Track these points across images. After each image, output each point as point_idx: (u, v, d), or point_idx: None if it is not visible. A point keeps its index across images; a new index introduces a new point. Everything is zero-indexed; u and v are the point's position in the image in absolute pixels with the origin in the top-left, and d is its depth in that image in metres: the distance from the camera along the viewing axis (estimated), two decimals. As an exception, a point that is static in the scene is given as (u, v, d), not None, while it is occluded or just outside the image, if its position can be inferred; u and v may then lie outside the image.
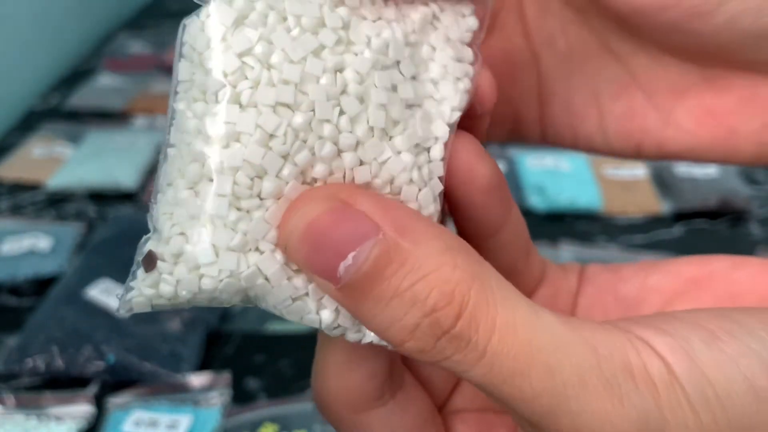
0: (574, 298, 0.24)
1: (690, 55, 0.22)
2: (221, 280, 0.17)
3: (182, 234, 0.17)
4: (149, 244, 0.18)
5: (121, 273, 0.60)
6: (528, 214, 0.73)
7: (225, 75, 0.17)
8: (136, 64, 1.06)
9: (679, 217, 0.72)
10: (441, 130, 0.19)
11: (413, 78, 0.19)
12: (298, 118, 0.17)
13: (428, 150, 0.19)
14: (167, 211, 0.17)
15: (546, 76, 0.24)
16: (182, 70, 0.18)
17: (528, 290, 0.24)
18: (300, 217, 0.17)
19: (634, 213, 0.73)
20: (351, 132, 0.17)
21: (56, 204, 0.74)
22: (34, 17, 0.99)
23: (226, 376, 0.53)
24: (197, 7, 0.18)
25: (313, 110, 0.17)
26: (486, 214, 0.21)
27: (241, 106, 0.17)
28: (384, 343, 0.18)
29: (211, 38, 0.17)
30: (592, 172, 0.78)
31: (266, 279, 0.17)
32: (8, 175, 0.78)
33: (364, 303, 0.16)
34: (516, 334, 0.16)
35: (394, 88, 0.18)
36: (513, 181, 0.76)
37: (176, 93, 0.18)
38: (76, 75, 1.03)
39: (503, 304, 0.16)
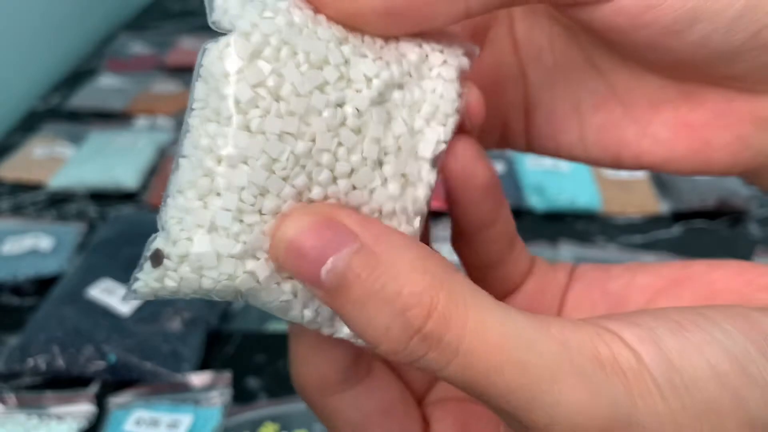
0: (562, 293, 0.25)
1: (667, 70, 0.23)
2: (219, 282, 0.19)
3: (189, 239, 0.19)
4: (157, 242, 0.19)
5: (122, 273, 0.60)
6: (527, 214, 0.73)
7: (238, 103, 0.19)
8: (137, 64, 1.06)
9: (678, 217, 0.72)
10: (427, 162, 0.21)
11: (406, 115, 0.21)
12: (300, 147, 0.19)
13: (414, 180, 0.21)
14: (176, 216, 0.19)
15: (532, 88, 0.26)
16: (199, 90, 0.19)
17: (514, 282, 0.25)
18: (287, 228, 0.18)
19: (633, 213, 0.73)
20: (347, 161, 0.20)
21: (57, 204, 0.75)
22: (36, 18, 0.99)
23: (226, 376, 0.53)
24: (197, 7, 0.19)
25: (314, 140, 0.19)
26: (481, 211, 0.23)
27: (250, 132, 0.19)
28: (360, 341, 0.20)
29: (227, 68, 0.19)
30: (592, 172, 0.78)
31: (258, 282, 0.19)
32: (9, 175, 0.78)
33: (345, 305, 0.18)
34: (487, 332, 0.17)
35: (388, 124, 0.20)
36: (512, 181, 0.76)
37: (192, 109, 0.19)
38: (77, 75, 1.03)
39: (474, 305, 0.17)
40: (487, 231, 0.23)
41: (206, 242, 0.19)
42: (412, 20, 0.20)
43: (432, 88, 0.22)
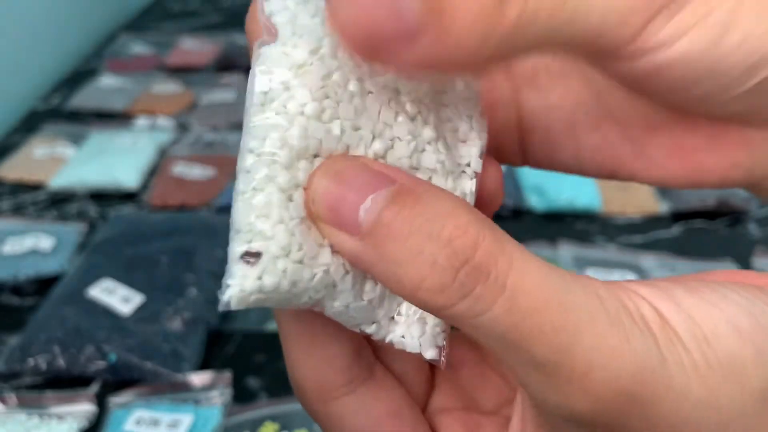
0: None
1: (658, 101, 0.23)
2: (316, 274, 0.19)
3: (288, 231, 0.18)
4: (243, 242, 0.19)
5: (123, 273, 0.60)
6: (527, 214, 0.73)
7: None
8: (137, 64, 1.06)
9: (678, 217, 0.72)
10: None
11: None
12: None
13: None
14: (263, 213, 0.19)
15: (526, 110, 0.26)
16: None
17: None
18: (324, 172, 0.18)
19: (633, 213, 0.73)
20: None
21: (58, 204, 0.75)
22: (36, 18, 0.99)
23: (226, 376, 0.53)
24: (197, 8, 0.19)
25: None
26: None
27: (320, 121, 0.19)
28: (402, 342, 0.20)
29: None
30: (592, 172, 0.78)
31: (347, 271, 0.19)
32: (10, 175, 0.79)
33: (383, 245, 0.17)
34: (531, 271, 0.17)
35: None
36: (512, 181, 0.76)
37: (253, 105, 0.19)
38: (78, 75, 1.03)
39: (515, 247, 0.17)
40: None
41: (303, 234, 0.19)
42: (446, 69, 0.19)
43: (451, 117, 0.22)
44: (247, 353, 0.56)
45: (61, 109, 0.94)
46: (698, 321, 0.18)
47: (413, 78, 0.21)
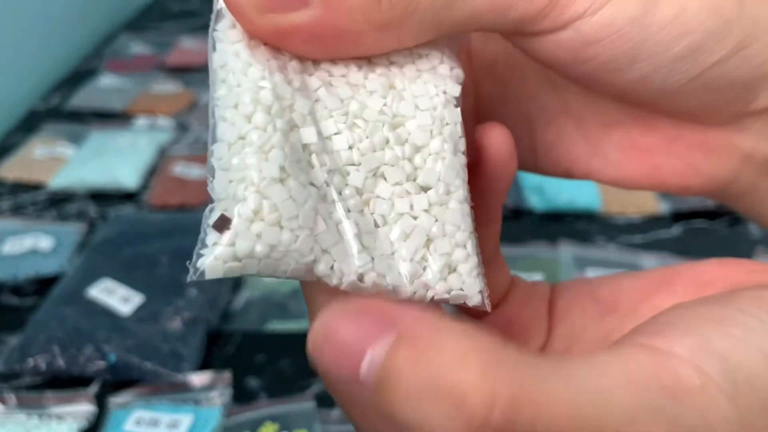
0: (548, 303, 0.25)
1: (615, 98, 0.23)
2: (298, 236, 0.18)
3: (259, 192, 0.18)
4: (218, 210, 0.18)
5: (122, 273, 0.60)
6: (527, 214, 0.73)
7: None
8: (137, 64, 1.06)
9: (678, 217, 0.72)
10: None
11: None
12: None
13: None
14: (236, 177, 0.18)
15: (483, 100, 0.25)
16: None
17: (499, 292, 0.24)
18: (318, 328, 0.16)
19: (633, 213, 0.73)
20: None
21: (57, 204, 0.75)
22: (36, 18, 0.99)
23: (226, 376, 0.53)
24: (197, 8, 0.19)
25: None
26: (498, 199, 0.22)
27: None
28: None
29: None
30: (592, 172, 0.78)
31: (343, 239, 0.18)
32: (10, 175, 0.79)
33: (392, 401, 0.15)
34: (557, 402, 0.15)
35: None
36: (512, 181, 0.76)
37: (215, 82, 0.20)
38: (78, 75, 1.03)
39: (534, 377, 0.15)
40: (489, 227, 0.23)
41: (282, 190, 0.18)
42: (339, 50, 0.20)
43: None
44: (246, 353, 0.56)
45: (60, 109, 0.94)
46: (735, 363, 0.17)
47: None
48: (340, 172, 0.19)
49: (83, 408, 0.50)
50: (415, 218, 0.20)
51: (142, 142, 0.83)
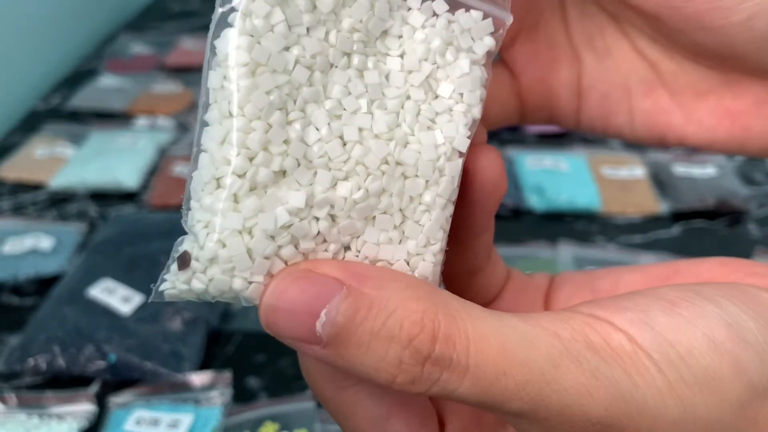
0: (544, 295, 0.26)
1: (711, 60, 0.25)
2: (251, 283, 0.19)
3: (220, 242, 0.19)
4: (185, 245, 0.19)
5: (123, 272, 0.60)
6: (527, 214, 0.73)
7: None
8: (137, 64, 1.06)
9: (678, 217, 0.73)
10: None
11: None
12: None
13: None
14: (203, 219, 0.19)
15: (585, 71, 0.27)
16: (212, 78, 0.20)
17: (495, 288, 0.26)
18: (270, 294, 0.18)
19: (633, 213, 0.73)
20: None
21: (58, 204, 0.75)
22: (36, 18, 0.99)
23: (226, 375, 0.53)
24: (197, 8, 0.19)
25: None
26: (486, 218, 0.23)
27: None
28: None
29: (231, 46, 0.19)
30: (591, 172, 0.78)
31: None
32: (10, 175, 0.79)
33: (348, 352, 0.18)
34: (489, 341, 0.18)
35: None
36: (512, 181, 0.76)
37: (208, 104, 0.19)
38: (78, 76, 1.03)
39: (469, 319, 0.18)
40: (480, 238, 0.24)
41: (241, 244, 0.19)
42: None
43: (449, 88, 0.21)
44: (247, 353, 0.56)
45: (61, 109, 0.94)
46: (673, 341, 0.18)
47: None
48: (332, 217, 0.20)
49: (83, 408, 0.50)
50: (390, 265, 0.20)
51: (142, 142, 0.83)
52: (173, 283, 0.19)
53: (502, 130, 0.86)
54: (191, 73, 1.02)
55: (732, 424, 0.18)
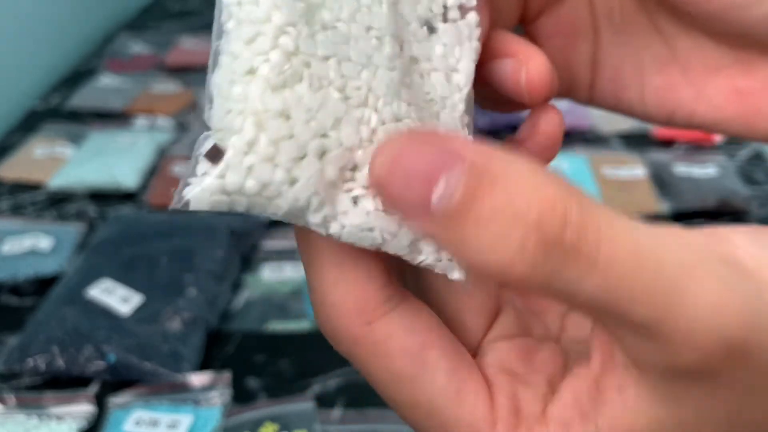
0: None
1: (727, 40, 0.26)
2: (295, 178, 0.17)
3: (258, 124, 0.17)
4: (213, 139, 0.17)
5: (122, 273, 0.60)
6: (527, 214, 0.73)
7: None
8: (136, 64, 1.06)
9: (678, 217, 0.72)
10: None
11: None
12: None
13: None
14: (235, 107, 0.17)
15: (601, 45, 0.28)
16: None
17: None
18: (385, 155, 0.17)
19: (633, 213, 0.73)
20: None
21: (57, 204, 0.75)
22: (35, 17, 0.99)
23: (226, 376, 0.53)
24: (197, 7, 0.18)
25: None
26: None
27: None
28: (441, 267, 0.19)
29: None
30: (592, 172, 0.78)
31: (334, 179, 0.18)
32: (9, 175, 0.78)
33: (463, 229, 0.16)
34: (621, 237, 0.16)
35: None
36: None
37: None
38: (77, 75, 1.03)
39: (602, 213, 0.16)
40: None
41: (284, 126, 0.17)
42: None
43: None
44: (246, 353, 0.56)
45: (60, 109, 0.94)
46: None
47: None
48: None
49: (83, 408, 0.50)
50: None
51: (141, 141, 0.83)
52: (202, 182, 0.17)
53: (503, 129, 0.86)
54: (191, 72, 1.02)
55: None
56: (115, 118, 0.91)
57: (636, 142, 0.83)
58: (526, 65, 0.22)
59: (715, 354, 0.16)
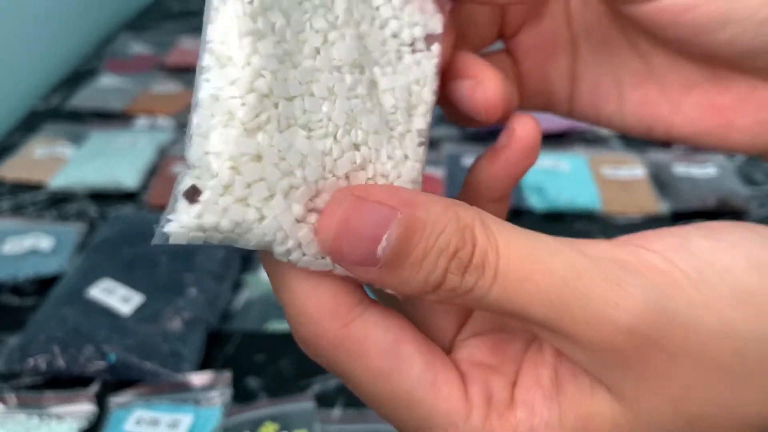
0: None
1: (699, 58, 0.26)
2: (264, 216, 0.19)
3: (233, 168, 0.18)
4: (188, 180, 0.18)
5: (122, 273, 0.60)
6: (527, 214, 0.73)
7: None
8: (137, 64, 1.06)
9: (678, 217, 0.72)
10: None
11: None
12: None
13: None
14: (212, 149, 0.18)
15: (580, 60, 0.28)
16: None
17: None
18: (332, 220, 0.19)
19: (633, 213, 0.73)
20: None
21: (57, 204, 0.75)
22: (36, 18, 0.99)
23: (226, 376, 0.53)
24: (197, 7, 0.19)
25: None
26: (510, 183, 0.25)
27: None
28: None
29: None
30: (591, 172, 0.78)
31: (298, 221, 0.20)
32: (10, 175, 0.79)
33: (401, 272, 0.19)
34: (515, 249, 0.19)
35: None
36: (512, 181, 0.76)
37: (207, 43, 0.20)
38: (78, 75, 1.03)
39: (499, 231, 0.20)
40: (495, 204, 0.25)
41: (257, 169, 0.19)
42: None
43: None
44: (246, 353, 0.56)
45: (60, 109, 0.94)
46: (711, 261, 0.19)
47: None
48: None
49: (83, 408, 0.50)
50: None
51: (142, 142, 0.83)
52: (180, 220, 0.18)
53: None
54: (191, 73, 1.01)
55: None
56: (115, 118, 0.91)
57: (635, 142, 0.83)
58: (482, 86, 0.24)
59: (616, 343, 0.19)
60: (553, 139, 0.85)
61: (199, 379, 0.52)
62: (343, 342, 0.21)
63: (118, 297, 0.58)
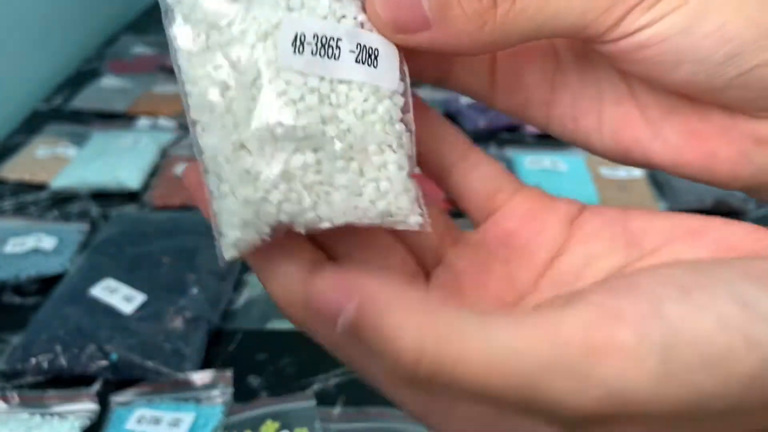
0: (571, 221, 0.27)
1: (668, 91, 0.26)
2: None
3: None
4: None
5: (124, 272, 0.61)
6: (527, 214, 0.73)
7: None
8: (139, 65, 1.07)
9: (677, 217, 0.73)
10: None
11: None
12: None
13: None
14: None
15: (562, 68, 0.28)
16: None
17: (491, 203, 0.29)
18: (312, 295, 0.20)
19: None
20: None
21: (60, 204, 0.75)
22: (38, 19, 0.99)
23: (228, 374, 0.53)
24: None
25: None
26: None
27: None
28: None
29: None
30: (589, 172, 0.78)
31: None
32: (12, 176, 0.79)
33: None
34: (471, 356, 0.18)
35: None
36: (512, 181, 0.77)
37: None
38: (80, 76, 1.04)
39: (456, 337, 0.19)
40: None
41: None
42: (454, 54, 0.26)
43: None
44: (248, 352, 0.56)
45: (63, 110, 0.94)
46: (682, 329, 0.19)
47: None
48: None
49: (85, 407, 0.51)
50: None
51: (143, 142, 0.84)
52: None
53: (501, 130, 0.87)
54: (192, 73, 1.02)
55: (743, 397, 0.19)
56: (117, 118, 0.92)
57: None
58: None
59: (582, 427, 0.19)
60: (552, 139, 0.85)
61: (200, 377, 0.53)
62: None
63: (120, 296, 0.58)
